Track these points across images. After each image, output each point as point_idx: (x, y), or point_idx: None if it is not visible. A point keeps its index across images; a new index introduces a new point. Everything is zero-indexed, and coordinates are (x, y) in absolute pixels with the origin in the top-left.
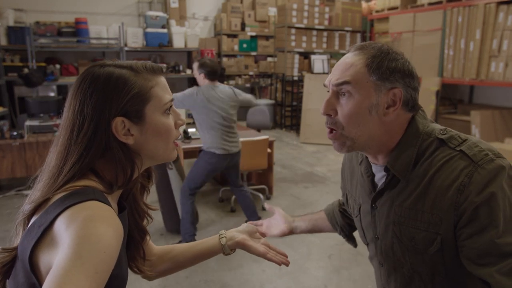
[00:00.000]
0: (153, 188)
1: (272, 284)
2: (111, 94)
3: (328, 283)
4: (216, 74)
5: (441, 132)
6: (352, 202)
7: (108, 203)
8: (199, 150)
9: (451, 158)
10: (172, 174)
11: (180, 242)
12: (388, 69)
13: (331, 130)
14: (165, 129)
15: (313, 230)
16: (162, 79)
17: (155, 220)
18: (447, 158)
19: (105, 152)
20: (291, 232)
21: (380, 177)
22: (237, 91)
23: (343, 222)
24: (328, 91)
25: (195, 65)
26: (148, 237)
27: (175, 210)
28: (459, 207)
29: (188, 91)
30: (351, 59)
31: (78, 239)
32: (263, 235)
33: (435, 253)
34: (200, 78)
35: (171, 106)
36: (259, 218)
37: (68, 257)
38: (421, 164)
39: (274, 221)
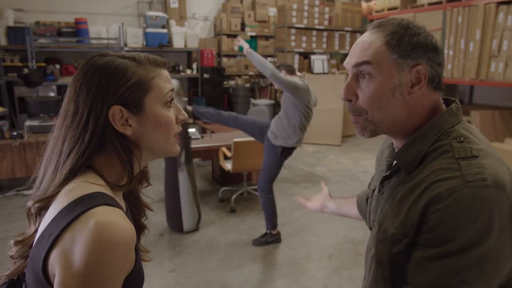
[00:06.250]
0: (151, 189)
1: (272, 284)
2: (109, 81)
3: (328, 283)
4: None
5: (458, 139)
6: (372, 184)
7: (117, 205)
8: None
9: (447, 168)
10: (182, 176)
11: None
12: (409, 44)
13: (355, 115)
14: (166, 121)
15: (339, 212)
16: (165, 72)
17: (156, 221)
18: (443, 167)
19: (104, 143)
20: (321, 209)
21: (395, 163)
22: None
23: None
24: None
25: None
26: (146, 231)
27: (179, 213)
28: (424, 217)
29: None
30: (369, 38)
31: (85, 266)
32: (304, 203)
33: (398, 253)
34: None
35: (172, 99)
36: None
37: (73, 283)
38: (426, 163)
39: (318, 196)
